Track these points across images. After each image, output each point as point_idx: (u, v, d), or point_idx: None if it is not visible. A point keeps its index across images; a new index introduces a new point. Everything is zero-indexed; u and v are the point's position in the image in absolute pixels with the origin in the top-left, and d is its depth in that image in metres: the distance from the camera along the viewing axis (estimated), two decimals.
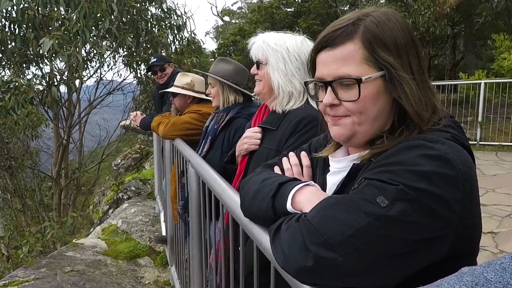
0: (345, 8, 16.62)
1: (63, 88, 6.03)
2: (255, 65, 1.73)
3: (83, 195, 8.05)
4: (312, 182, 0.94)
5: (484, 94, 8.35)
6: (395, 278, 0.73)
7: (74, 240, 4.02)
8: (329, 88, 0.91)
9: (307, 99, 1.67)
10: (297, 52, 1.65)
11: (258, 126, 1.76)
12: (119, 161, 11.09)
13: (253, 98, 2.55)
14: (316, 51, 0.94)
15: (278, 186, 0.93)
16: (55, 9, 5.73)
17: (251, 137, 1.75)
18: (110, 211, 6.99)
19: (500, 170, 6.34)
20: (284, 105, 1.67)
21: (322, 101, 0.94)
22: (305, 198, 0.87)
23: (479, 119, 8.32)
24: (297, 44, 1.67)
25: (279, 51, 1.64)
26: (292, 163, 1.14)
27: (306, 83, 1.02)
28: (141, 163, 9.51)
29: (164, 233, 3.91)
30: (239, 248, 1.43)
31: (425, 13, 10.75)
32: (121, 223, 4.36)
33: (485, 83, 8.41)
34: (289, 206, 0.88)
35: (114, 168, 11.02)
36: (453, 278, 0.51)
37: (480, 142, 8.17)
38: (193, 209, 2.05)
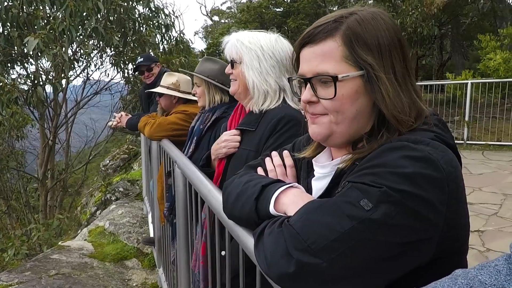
0: (334, 8, 16.69)
1: (48, 88, 5.94)
2: (230, 64, 1.71)
3: (70, 196, 7.94)
4: (296, 184, 0.92)
5: (470, 94, 8.46)
6: (380, 282, 0.72)
7: (60, 243, 3.96)
8: (308, 85, 0.90)
9: (283, 98, 1.66)
10: (271, 50, 1.63)
11: (236, 129, 1.73)
12: (108, 161, 10.99)
13: None
14: (299, 47, 0.92)
15: (261, 188, 0.91)
16: (40, 8, 5.63)
17: (230, 140, 1.72)
18: (98, 212, 6.91)
19: (487, 169, 6.43)
20: (260, 104, 1.64)
21: None
22: (289, 200, 0.85)
23: (466, 118, 8.43)
24: (271, 42, 1.64)
25: (253, 49, 1.62)
26: (275, 164, 1.12)
27: (290, 80, 1.01)
28: (129, 163, 9.43)
29: (152, 235, 3.87)
30: (222, 253, 1.41)
31: (412, 13, 10.86)
32: (108, 225, 4.30)
33: (472, 83, 8.52)
34: (272, 209, 0.86)
35: (102, 169, 10.91)
36: (447, 280, 0.50)
37: (467, 141, 8.28)
38: (179, 210, 2.02)
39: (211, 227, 1.50)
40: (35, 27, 5.37)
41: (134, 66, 5.24)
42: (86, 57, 6.78)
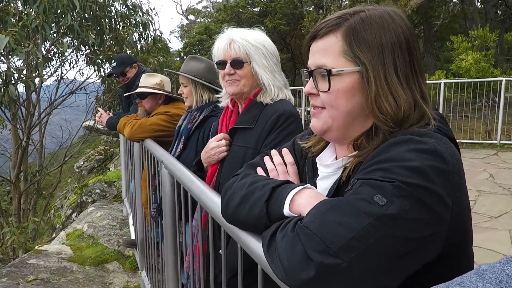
0: (311, 9, 16.83)
1: (21, 88, 5.74)
2: (229, 64, 1.65)
3: (44, 199, 7.69)
4: (309, 185, 0.90)
5: (444, 93, 8.69)
6: (398, 278, 0.71)
7: (36, 247, 3.82)
8: (311, 78, 0.93)
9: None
10: (272, 48, 1.66)
11: (232, 128, 1.72)
12: (82, 163, 10.72)
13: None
14: (308, 42, 0.95)
15: (271, 190, 0.89)
16: (11, 4, 5.43)
17: (217, 146, 1.72)
18: (74, 215, 6.72)
19: None
20: (275, 98, 1.66)
21: None
22: (305, 201, 0.83)
23: None
24: (268, 40, 1.68)
25: (259, 48, 1.62)
26: (275, 163, 1.11)
27: (302, 72, 1.02)
28: (105, 164, 9.22)
29: (133, 237, 3.79)
30: (220, 252, 1.38)
31: None
32: (87, 228, 4.19)
33: (445, 83, 8.76)
34: (286, 210, 0.84)
35: (77, 170, 10.63)
36: (474, 276, 0.50)
37: None
38: (167, 212, 1.98)
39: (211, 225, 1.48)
40: (6, 23, 5.17)
41: (107, 74, 5.08)
42: (60, 56, 6.58)
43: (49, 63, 6.49)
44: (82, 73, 7.14)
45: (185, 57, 18.92)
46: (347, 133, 0.92)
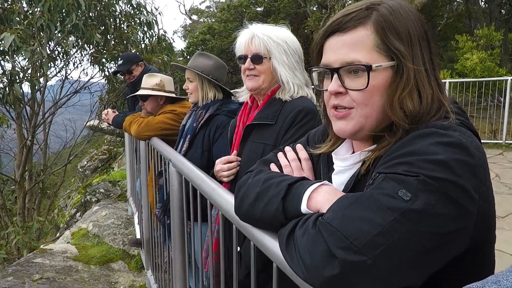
0: (314, 8, 16.80)
1: (26, 88, 5.74)
2: (249, 59, 1.65)
3: (48, 199, 7.70)
4: (327, 182, 0.87)
5: (449, 93, 8.64)
6: (424, 274, 0.69)
7: (42, 246, 3.82)
8: (335, 75, 0.85)
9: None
10: (294, 45, 1.65)
11: (251, 123, 1.70)
12: (85, 162, 10.74)
13: (233, 96, 2.48)
14: (324, 37, 0.88)
15: (287, 187, 0.86)
16: (16, 3, 5.43)
17: (221, 170, 1.73)
18: (78, 214, 6.73)
19: None
20: (294, 95, 1.65)
21: (327, 89, 0.88)
22: (323, 198, 0.80)
23: None
24: (291, 37, 1.67)
25: (280, 44, 1.62)
26: (289, 158, 1.08)
27: (310, 71, 0.96)
28: (109, 164, 9.23)
29: (138, 236, 3.78)
30: (234, 249, 1.37)
31: None
32: (92, 227, 4.18)
33: (450, 83, 8.71)
34: (304, 208, 0.81)
35: (80, 170, 10.65)
36: (509, 274, 0.48)
37: None
38: (174, 210, 1.96)
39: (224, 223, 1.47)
40: (11, 22, 5.17)
41: (113, 71, 5.09)
42: (65, 55, 6.58)
43: (53, 62, 6.49)
44: (86, 73, 7.13)
45: (188, 57, 18.91)
46: (376, 131, 0.88)
